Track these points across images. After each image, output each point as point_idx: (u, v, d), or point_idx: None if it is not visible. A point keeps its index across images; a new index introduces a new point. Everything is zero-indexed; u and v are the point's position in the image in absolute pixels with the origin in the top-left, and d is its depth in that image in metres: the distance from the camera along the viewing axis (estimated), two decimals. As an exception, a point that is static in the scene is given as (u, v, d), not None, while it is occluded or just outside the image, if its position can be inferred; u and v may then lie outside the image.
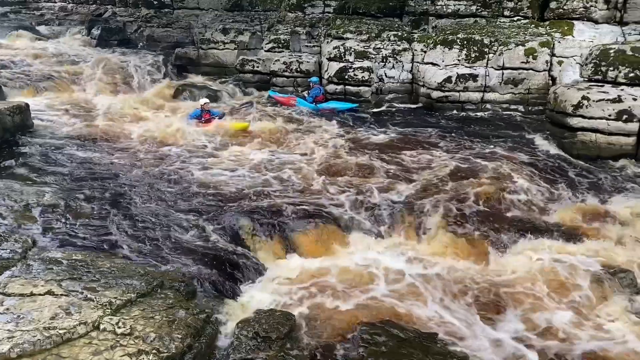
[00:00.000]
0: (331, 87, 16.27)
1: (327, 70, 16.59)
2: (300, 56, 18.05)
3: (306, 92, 16.20)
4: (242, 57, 18.82)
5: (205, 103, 13.70)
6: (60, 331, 4.19)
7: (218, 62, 19.98)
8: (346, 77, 16.04)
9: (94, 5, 26.32)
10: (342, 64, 16.23)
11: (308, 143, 12.00)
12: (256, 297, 5.97)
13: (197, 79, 18.91)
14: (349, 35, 17.14)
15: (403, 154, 11.09)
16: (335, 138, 12.49)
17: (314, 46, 18.56)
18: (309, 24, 19.21)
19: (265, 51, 18.71)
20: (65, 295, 4.70)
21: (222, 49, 20.00)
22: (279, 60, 17.83)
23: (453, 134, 12.64)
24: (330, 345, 5.03)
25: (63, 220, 7.26)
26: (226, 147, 11.67)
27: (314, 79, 16.40)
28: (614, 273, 6.58)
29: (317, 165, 10.35)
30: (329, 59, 16.62)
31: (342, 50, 16.48)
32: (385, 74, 16.43)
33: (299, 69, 17.58)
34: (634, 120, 10.82)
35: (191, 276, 6.06)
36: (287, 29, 19.11)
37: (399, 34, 17.07)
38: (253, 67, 18.36)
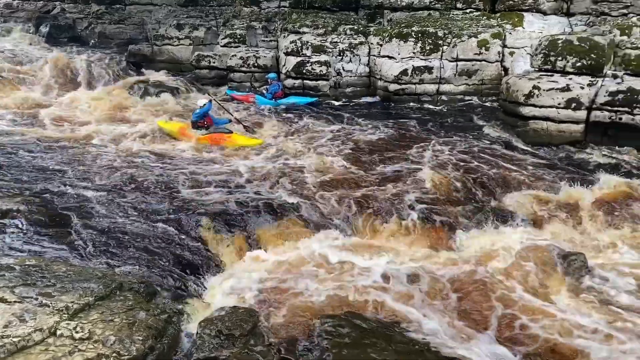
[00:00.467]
0: (289, 82, 16.24)
1: (284, 65, 16.55)
2: (257, 51, 17.92)
3: (264, 88, 16.11)
4: (197, 53, 18.55)
5: (205, 104, 12.03)
6: (15, 339, 4.06)
7: (173, 58, 19.65)
8: (304, 71, 16.04)
9: (41, 2, 25.40)
10: (299, 59, 16.21)
11: (268, 139, 11.96)
12: (219, 294, 5.94)
13: (152, 75, 18.52)
14: (305, 29, 17.12)
15: (362, 147, 11.19)
16: (296, 133, 12.48)
17: (270, 41, 18.47)
18: (265, 19, 19.10)
19: (222, 46, 18.51)
20: (18, 302, 4.55)
21: (177, 45, 19.67)
22: (235, 55, 17.66)
23: (410, 126, 12.84)
24: (294, 339, 5.05)
25: (14, 226, 7.01)
26: (187, 145, 11.49)
27: (272, 75, 16.33)
28: (566, 256, 6.81)
29: (278, 162, 10.33)
30: (287, 54, 16.57)
31: (299, 44, 16.45)
32: (342, 67, 16.48)
33: (256, 64, 17.46)
34: (582, 108, 11.22)
35: (151, 277, 5.97)
36: (243, 24, 18.94)
37: (355, 27, 17.15)
38: (209, 62, 18.13)
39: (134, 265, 6.29)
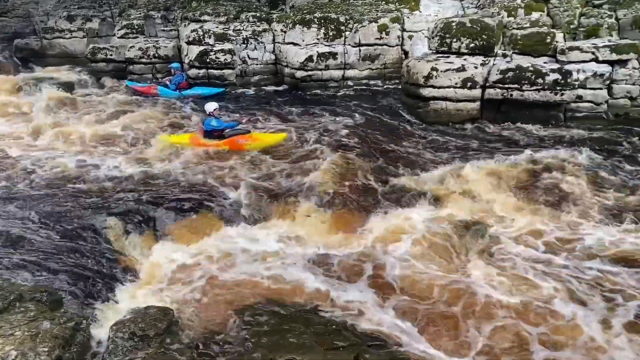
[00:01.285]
0: (193, 72, 15.82)
1: (187, 55, 16.09)
2: (157, 41, 17.29)
3: (168, 79, 15.56)
4: (92, 45, 17.57)
5: (215, 109, 10.47)
6: None
7: (65, 52, 18.50)
8: (208, 60, 15.69)
9: None
10: (202, 47, 15.82)
11: (176, 132, 11.60)
12: (130, 296, 5.71)
13: (43, 71, 17.30)
14: (206, 17, 16.72)
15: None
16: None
17: (171, 30, 17.89)
18: (164, 7, 18.44)
19: (118, 38, 17.67)
20: None
21: (70, 38, 18.54)
22: (134, 46, 16.93)
23: (317, 112, 12.96)
24: (212, 332, 4.98)
25: None
26: (89, 144, 10.84)
27: (175, 64, 15.82)
28: (469, 227, 7.22)
29: (184, 155, 10.04)
30: (188, 43, 16.11)
31: (200, 33, 16.05)
32: (248, 55, 16.31)
33: (157, 55, 16.85)
34: (477, 86, 11.88)
35: (55, 285, 5.62)
36: (140, 14, 18.16)
37: (258, 14, 17.00)
38: (106, 55, 17.23)
39: (35, 274, 5.87)
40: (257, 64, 16.40)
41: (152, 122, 12.15)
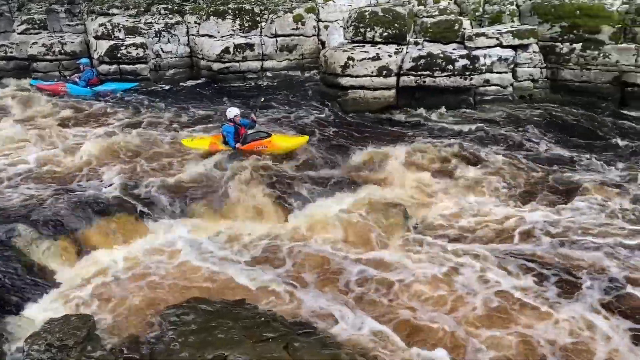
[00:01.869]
0: (104, 68, 15.14)
1: (96, 50, 15.36)
2: (62, 36, 16.36)
3: (77, 76, 14.76)
4: (-11, 42, 16.34)
5: (236, 115, 9.41)
6: None
7: (-45, 50, 17.08)
8: (119, 55, 15.06)
9: None
10: (112, 42, 15.16)
11: (90, 131, 11.05)
12: (46, 306, 5.41)
13: None
14: (115, 10, 16.03)
15: (191, 130, 10.91)
16: (118, 122, 11.72)
17: (77, 24, 17.00)
18: (68, 1, 17.43)
19: (19, 34, 16.55)
20: None
21: (-39, 35, 17.12)
22: (37, 42, 15.93)
23: (235, 105, 12.76)
24: (136, 336, 4.83)
25: None
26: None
27: (84, 60, 15.05)
28: (390, 208, 7.43)
29: (100, 154, 9.61)
30: (97, 38, 15.38)
31: (109, 27, 15.36)
32: (161, 49, 15.83)
33: (62, 51, 15.96)
34: (392, 74, 12.20)
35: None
36: (41, 7, 17.11)
37: (170, 6, 16.51)
38: (6, 52, 16.17)
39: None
40: (171, 58, 15.94)
41: (62, 120, 11.53)
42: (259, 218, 7.48)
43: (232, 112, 9.43)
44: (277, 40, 15.44)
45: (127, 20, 15.66)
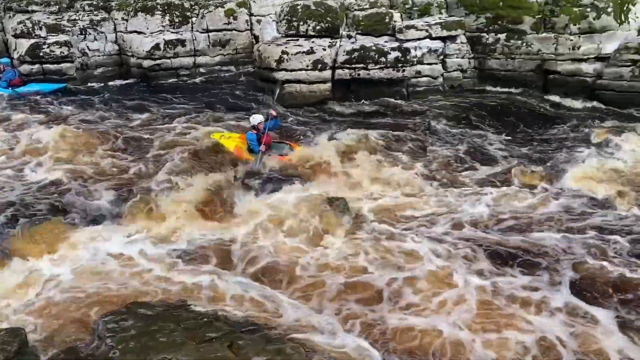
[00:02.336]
0: (26, 68, 14.35)
1: (15, 49, 14.56)
2: (-25, 36, 15.37)
3: (-5, 77, 13.91)
4: None
5: (260, 122, 9.12)
6: None
7: None
8: (41, 54, 14.31)
9: None
10: (33, 41, 14.40)
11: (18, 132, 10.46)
12: (-30, 323, 5.10)
13: None
14: (34, 7, 15.25)
15: (122, 131, 10.55)
16: (43, 124, 11.14)
17: (-8, 23, 16.00)
18: (-19, -3, 16.40)
19: None
20: None
21: None
22: (-53, 42, 14.88)
23: (168, 103, 12.53)
24: (73, 347, 4.63)
25: None
26: None
27: (4, 60, 14.21)
28: (331, 202, 7.49)
29: (26, 156, 9.14)
30: (16, 36, 14.57)
31: (29, 24, 14.57)
32: (87, 47, 15.20)
33: (-23, 51, 14.99)
34: (327, 68, 12.29)
35: None
36: (-49, 5, 15.97)
37: (94, 2, 15.89)
38: None
39: None
40: (99, 56, 15.33)
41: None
42: (200, 216, 7.33)
43: (256, 119, 9.13)
44: (209, 36, 15.18)
45: (48, 18, 14.91)
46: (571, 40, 12.39)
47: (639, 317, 4.99)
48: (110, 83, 15.00)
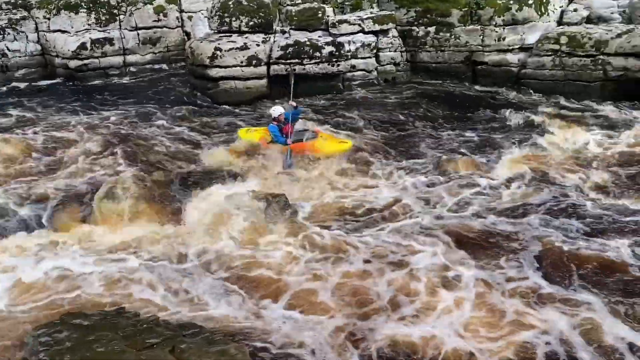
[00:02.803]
0: (-62, 72, 13.41)
1: None
2: None
3: None
4: None
5: (280, 114, 9.10)
6: None
7: None
8: (-45, 56, 13.42)
9: None
10: (-56, 42, 13.45)
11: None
12: None
13: None
14: (-56, 6, 14.22)
15: (48, 135, 10.05)
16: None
17: None
18: None
19: None
20: None
21: None
22: None
23: (99, 104, 12.04)
24: (2, 365, 4.41)
25: None
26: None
27: None
28: (272, 199, 7.45)
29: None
30: None
31: (-61, 25, 13.60)
32: (7, 47, 14.39)
33: None
34: (262, 64, 12.20)
35: None
36: None
37: (12, 0, 14.98)
38: None
39: None
40: (20, 57, 14.54)
41: None
42: (133, 220, 7.10)
43: (276, 110, 9.12)
44: (138, 34, 14.71)
45: (-39, 17, 14.00)
46: (496, 31, 12.89)
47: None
48: (34, 84, 14.24)
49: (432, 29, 13.36)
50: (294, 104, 9.34)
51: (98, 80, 14.14)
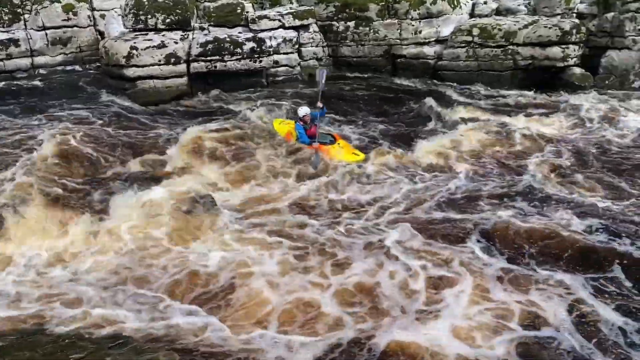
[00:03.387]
0: None
1: None
2: None
3: None
4: None
5: (305, 114, 8.98)
6: None
7: None
8: None
9: None
10: None
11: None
12: None
13: None
14: None
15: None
16: None
17: None
18: None
19: None
20: None
21: None
22: None
23: (9, 112, 11.23)
24: None
25: None
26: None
27: None
28: (199, 200, 7.29)
29: None
30: None
31: None
32: None
33: None
34: (181, 61, 11.90)
35: None
36: None
37: None
38: None
39: None
40: None
41: None
42: (41, 233, 6.66)
43: (302, 110, 9.11)
44: (46, 34, 13.89)
45: None
46: (413, 25, 13.26)
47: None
48: None
49: (351, 23, 13.54)
50: (321, 105, 9.23)
51: (2, 84, 13.20)
